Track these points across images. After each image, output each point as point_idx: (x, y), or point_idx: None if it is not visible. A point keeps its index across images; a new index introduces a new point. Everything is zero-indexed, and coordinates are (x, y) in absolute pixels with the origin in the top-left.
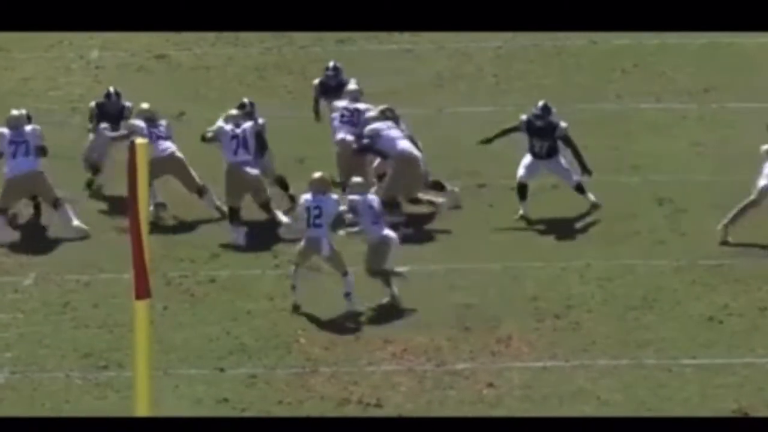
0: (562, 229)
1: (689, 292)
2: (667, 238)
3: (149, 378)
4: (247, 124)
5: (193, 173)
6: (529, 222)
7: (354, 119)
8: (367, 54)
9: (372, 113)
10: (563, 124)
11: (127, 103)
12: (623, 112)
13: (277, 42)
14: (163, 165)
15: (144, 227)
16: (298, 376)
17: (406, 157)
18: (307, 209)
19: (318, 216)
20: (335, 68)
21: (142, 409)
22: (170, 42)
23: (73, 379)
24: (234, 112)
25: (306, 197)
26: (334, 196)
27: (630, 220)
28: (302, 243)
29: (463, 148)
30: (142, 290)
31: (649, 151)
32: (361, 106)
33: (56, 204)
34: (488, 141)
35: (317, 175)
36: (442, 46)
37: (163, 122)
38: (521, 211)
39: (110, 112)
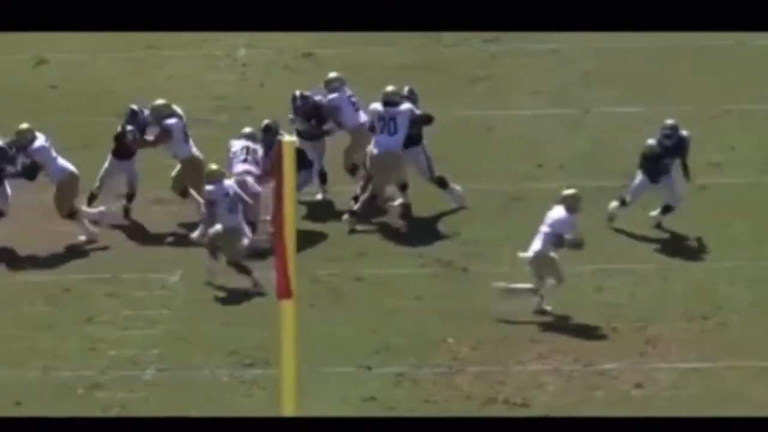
0: (711, 230)
1: None
2: None
3: (296, 376)
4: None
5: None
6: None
7: (359, 104)
8: (513, 53)
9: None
10: (685, 132)
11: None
12: None
13: (424, 41)
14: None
15: (290, 227)
16: (444, 375)
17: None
18: (226, 195)
19: (236, 203)
20: (303, 96)
21: (288, 407)
22: (317, 40)
23: (220, 376)
24: (248, 130)
25: (212, 188)
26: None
27: None
28: (220, 232)
29: (610, 148)
30: (284, 290)
31: None
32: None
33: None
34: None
35: (215, 167)
36: (590, 45)
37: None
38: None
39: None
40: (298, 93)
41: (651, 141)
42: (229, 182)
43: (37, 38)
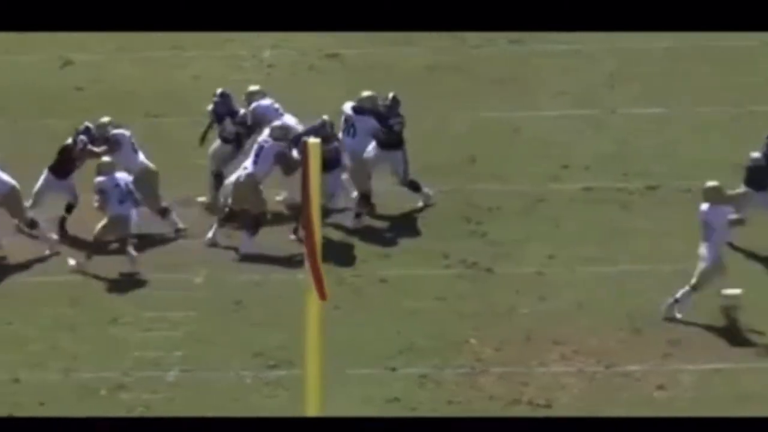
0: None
1: None
2: None
3: (321, 377)
4: (265, 141)
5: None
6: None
7: (281, 109)
8: (538, 54)
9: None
10: None
11: None
12: None
13: (448, 42)
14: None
15: (317, 229)
16: (467, 376)
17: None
18: (116, 186)
19: (130, 193)
20: (222, 95)
21: (313, 407)
22: (341, 41)
23: (244, 377)
24: (277, 123)
25: (103, 179)
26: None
27: None
28: (108, 221)
29: (634, 149)
30: (321, 292)
31: None
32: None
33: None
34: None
35: (107, 159)
36: (614, 46)
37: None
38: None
39: None
40: (219, 90)
41: (755, 154)
42: (121, 174)
43: (63, 39)
